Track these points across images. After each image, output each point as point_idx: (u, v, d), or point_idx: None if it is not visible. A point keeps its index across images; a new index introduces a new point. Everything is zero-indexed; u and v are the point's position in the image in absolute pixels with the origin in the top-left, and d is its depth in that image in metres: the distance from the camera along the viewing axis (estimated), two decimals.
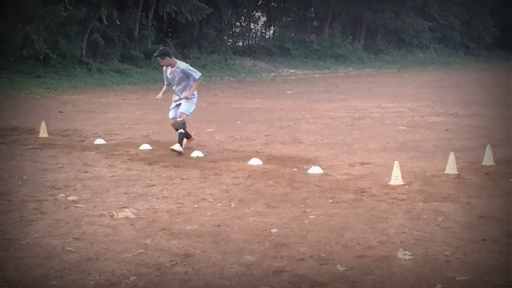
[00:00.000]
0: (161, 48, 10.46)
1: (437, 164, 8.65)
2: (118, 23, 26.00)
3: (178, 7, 27.94)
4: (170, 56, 9.61)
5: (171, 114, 9.91)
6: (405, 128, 12.62)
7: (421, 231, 5.56)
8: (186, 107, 9.64)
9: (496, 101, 18.23)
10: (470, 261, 4.82)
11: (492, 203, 6.66)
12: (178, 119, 9.60)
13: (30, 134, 11.20)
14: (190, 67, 9.71)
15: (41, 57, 22.93)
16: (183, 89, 9.66)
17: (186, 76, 9.58)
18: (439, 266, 4.72)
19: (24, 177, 7.69)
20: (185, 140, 9.69)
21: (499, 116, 14.74)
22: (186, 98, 9.58)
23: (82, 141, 10.61)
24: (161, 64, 9.79)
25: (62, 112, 14.57)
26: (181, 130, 9.54)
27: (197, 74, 9.61)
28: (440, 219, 5.98)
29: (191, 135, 10.04)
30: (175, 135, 11.23)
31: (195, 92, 9.73)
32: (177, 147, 9.37)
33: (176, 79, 9.63)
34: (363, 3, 42.31)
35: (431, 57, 46.13)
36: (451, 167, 8.13)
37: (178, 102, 9.79)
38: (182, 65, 9.65)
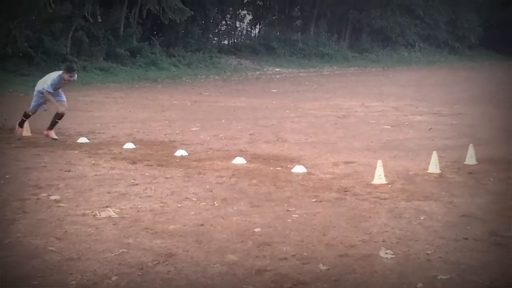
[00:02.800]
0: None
1: (420, 163, 8.70)
2: (100, 20, 25.85)
3: (160, 6, 27.79)
4: None
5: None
6: (389, 127, 12.68)
7: (403, 230, 5.59)
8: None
9: (480, 100, 18.39)
10: (451, 260, 4.85)
11: (474, 202, 6.70)
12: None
13: (13, 133, 11.12)
14: None
15: (20, 55, 22.68)
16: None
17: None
18: (421, 265, 4.75)
19: (7, 176, 7.64)
20: (18, 128, 10.91)
21: (482, 115, 14.86)
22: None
23: (66, 140, 10.56)
24: (70, 78, 10.48)
25: (46, 110, 14.40)
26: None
27: None
28: (422, 218, 6.02)
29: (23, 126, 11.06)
30: (158, 134, 11.25)
31: (42, 89, 10.65)
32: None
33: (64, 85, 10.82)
34: (349, 2, 42.36)
35: (415, 56, 46.30)
36: (433, 166, 8.17)
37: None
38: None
